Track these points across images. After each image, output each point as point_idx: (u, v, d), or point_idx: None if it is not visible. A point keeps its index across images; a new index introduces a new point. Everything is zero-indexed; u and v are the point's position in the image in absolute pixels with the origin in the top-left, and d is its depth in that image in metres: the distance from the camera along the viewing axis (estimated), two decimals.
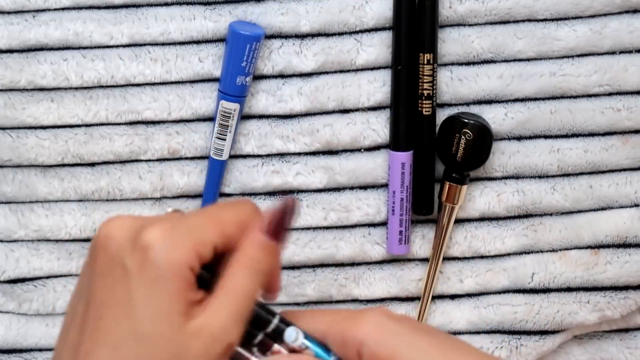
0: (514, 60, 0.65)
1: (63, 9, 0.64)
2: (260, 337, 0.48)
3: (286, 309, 0.68)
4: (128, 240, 0.45)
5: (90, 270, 0.46)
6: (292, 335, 0.48)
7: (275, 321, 0.48)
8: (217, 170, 0.65)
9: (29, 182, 0.66)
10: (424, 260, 0.67)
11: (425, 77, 0.64)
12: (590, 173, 0.66)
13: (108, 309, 0.45)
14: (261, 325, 0.48)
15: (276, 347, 0.48)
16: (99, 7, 0.64)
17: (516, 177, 0.66)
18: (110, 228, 0.46)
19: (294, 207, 0.46)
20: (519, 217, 0.67)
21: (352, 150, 0.66)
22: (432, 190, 0.66)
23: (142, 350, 0.44)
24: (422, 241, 0.67)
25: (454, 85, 0.65)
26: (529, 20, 0.64)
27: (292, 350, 0.48)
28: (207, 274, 0.46)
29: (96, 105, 0.65)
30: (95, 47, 0.64)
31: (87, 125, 0.65)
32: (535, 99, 0.65)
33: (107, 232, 0.46)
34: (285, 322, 0.48)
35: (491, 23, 0.64)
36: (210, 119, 0.65)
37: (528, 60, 0.64)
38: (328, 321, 0.48)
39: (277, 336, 0.48)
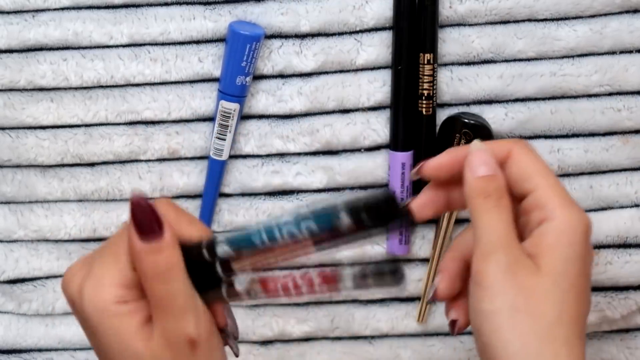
0: (514, 60, 0.64)
1: (62, 8, 0.64)
2: (218, 271, 0.49)
3: (283, 309, 0.68)
4: (65, 292, 0.49)
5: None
6: (220, 250, 0.48)
7: (205, 253, 0.48)
8: (217, 170, 0.65)
9: (28, 182, 0.66)
10: (424, 260, 0.67)
11: (425, 77, 0.63)
12: (590, 173, 0.66)
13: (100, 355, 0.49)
14: (207, 270, 0.49)
15: (233, 264, 0.49)
16: (98, 7, 0.64)
17: None
18: (62, 285, 0.49)
19: (139, 198, 0.47)
20: None
21: (352, 150, 0.66)
22: None
23: None
24: (422, 241, 0.67)
25: (454, 85, 0.64)
26: (529, 20, 0.64)
27: (238, 253, 0.48)
28: None
29: (96, 105, 0.65)
30: (94, 47, 0.64)
31: (86, 125, 0.65)
32: (536, 99, 0.65)
33: (64, 292, 0.49)
34: (209, 246, 0.49)
35: (491, 23, 0.64)
36: (210, 119, 0.65)
37: (528, 60, 0.64)
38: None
39: (221, 261, 0.49)
